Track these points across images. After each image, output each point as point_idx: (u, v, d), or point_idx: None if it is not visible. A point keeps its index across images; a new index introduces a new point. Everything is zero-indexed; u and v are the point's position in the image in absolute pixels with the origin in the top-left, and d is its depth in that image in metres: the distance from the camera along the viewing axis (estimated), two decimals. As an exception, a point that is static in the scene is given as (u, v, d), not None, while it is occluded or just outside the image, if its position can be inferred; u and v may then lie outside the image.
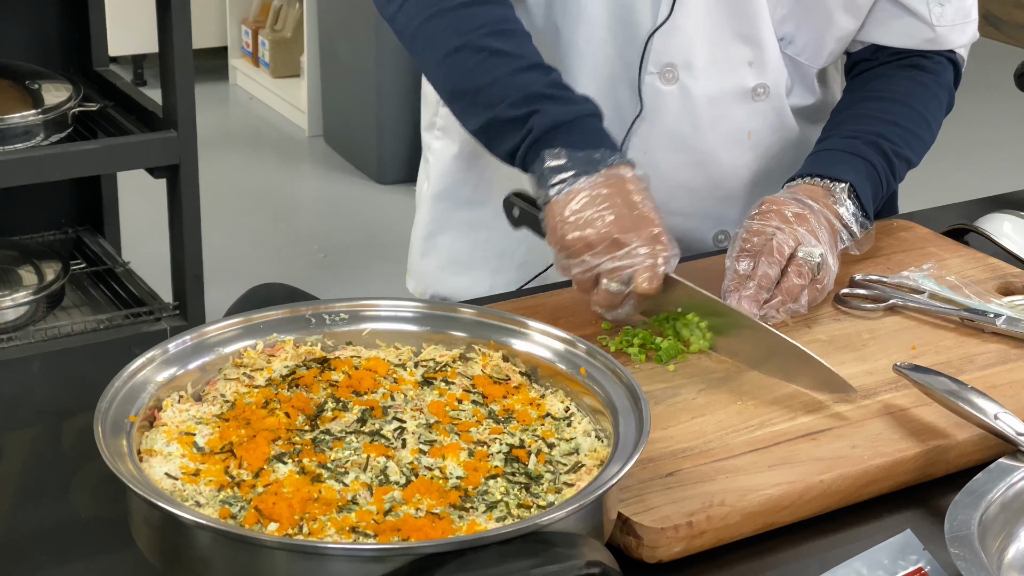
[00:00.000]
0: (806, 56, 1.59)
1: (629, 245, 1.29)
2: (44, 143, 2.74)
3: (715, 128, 1.56)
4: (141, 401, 1.06)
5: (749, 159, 1.59)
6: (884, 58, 1.61)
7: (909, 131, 1.55)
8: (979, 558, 1.00)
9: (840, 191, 1.46)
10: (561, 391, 1.14)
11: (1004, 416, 1.16)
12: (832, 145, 1.53)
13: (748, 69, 1.54)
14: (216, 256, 3.44)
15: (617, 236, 1.28)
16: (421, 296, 1.72)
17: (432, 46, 1.45)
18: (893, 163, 1.52)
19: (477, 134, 1.43)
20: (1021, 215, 1.64)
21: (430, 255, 1.71)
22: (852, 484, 1.14)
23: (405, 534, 0.94)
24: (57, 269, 2.92)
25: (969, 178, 4.59)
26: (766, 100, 1.57)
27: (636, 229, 1.29)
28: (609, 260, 1.29)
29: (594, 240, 1.29)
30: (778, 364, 1.28)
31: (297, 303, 1.18)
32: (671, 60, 1.51)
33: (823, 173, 1.48)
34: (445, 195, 1.68)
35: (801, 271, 1.37)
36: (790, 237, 1.38)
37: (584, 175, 1.31)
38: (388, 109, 4.50)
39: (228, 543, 0.92)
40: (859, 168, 1.49)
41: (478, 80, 1.40)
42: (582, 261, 1.30)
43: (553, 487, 1.02)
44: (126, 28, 4.78)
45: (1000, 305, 1.42)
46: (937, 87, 1.59)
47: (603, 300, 1.31)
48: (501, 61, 1.40)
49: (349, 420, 1.08)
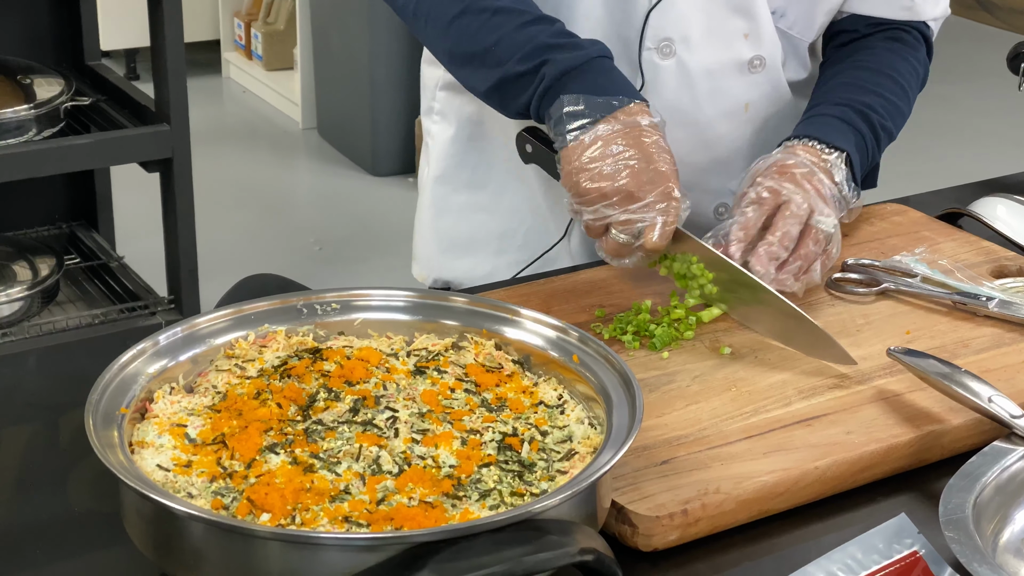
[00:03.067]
0: (798, 29, 1.59)
1: (642, 200, 1.32)
2: (37, 138, 2.73)
3: (713, 101, 1.56)
4: (132, 393, 1.05)
5: (747, 131, 1.60)
6: (863, 29, 1.62)
7: (893, 104, 1.55)
8: (974, 541, 1.00)
9: (836, 158, 1.47)
10: (554, 379, 1.13)
11: (998, 399, 1.16)
12: (826, 111, 1.53)
13: (744, 41, 1.54)
14: (211, 250, 3.44)
15: (631, 190, 1.31)
16: (424, 281, 1.72)
17: (434, 18, 1.45)
18: (879, 135, 1.53)
19: (489, 95, 1.44)
20: (1015, 199, 1.64)
21: (432, 239, 1.72)
22: (847, 470, 1.14)
23: (398, 523, 0.94)
24: (51, 264, 2.92)
25: (963, 162, 4.58)
26: (762, 72, 1.57)
27: (651, 183, 1.32)
28: (621, 212, 1.32)
29: (608, 191, 1.32)
30: (779, 324, 1.30)
31: (288, 294, 1.18)
32: (668, 35, 1.52)
33: (820, 137, 1.49)
34: (444, 179, 1.68)
35: (817, 238, 1.39)
36: (806, 202, 1.39)
37: (601, 121, 1.34)
38: (382, 101, 4.50)
39: (221, 534, 0.92)
40: (850, 137, 1.50)
41: (484, 41, 1.42)
42: (596, 210, 1.33)
43: (546, 475, 1.01)
44: (118, 22, 4.77)
45: (992, 288, 1.42)
46: (916, 62, 1.61)
47: (611, 249, 1.35)
48: (504, 19, 1.41)
49: (341, 410, 1.07)
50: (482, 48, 1.42)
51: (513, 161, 1.60)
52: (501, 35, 1.41)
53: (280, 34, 5.25)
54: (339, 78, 4.69)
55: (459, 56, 1.46)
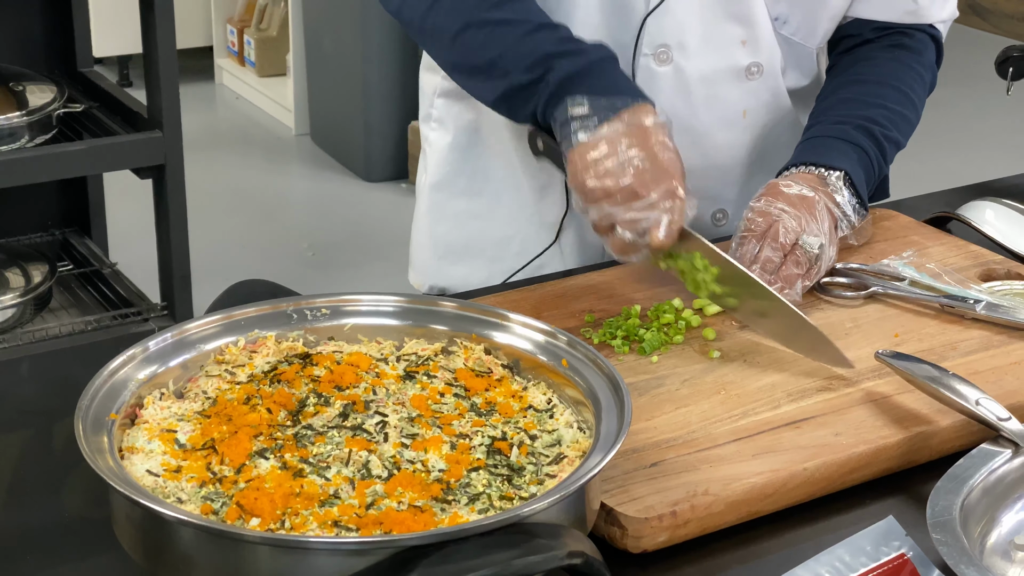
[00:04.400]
0: (801, 36, 1.59)
1: (647, 197, 1.32)
2: (29, 145, 2.73)
3: (710, 107, 1.57)
4: (122, 399, 1.06)
5: (745, 139, 1.60)
6: (868, 34, 1.62)
7: (896, 113, 1.55)
8: (961, 543, 1.01)
9: (836, 179, 1.48)
10: (543, 383, 1.14)
11: (985, 402, 1.16)
12: (822, 132, 1.54)
13: (741, 48, 1.55)
14: (204, 256, 3.44)
15: (636, 188, 1.32)
16: (420, 288, 1.73)
17: (440, 32, 1.46)
18: (883, 147, 1.53)
19: (497, 105, 1.45)
20: (1003, 203, 1.65)
21: (428, 246, 1.72)
22: (835, 471, 1.15)
23: (387, 527, 0.94)
24: (44, 271, 2.92)
25: (952, 166, 4.59)
26: (760, 79, 1.57)
27: (655, 182, 1.32)
28: (626, 210, 1.33)
29: (613, 190, 1.32)
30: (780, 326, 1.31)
31: (278, 299, 1.18)
32: (665, 41, 1.52)
33: (816, 161, 1.49)
34: (441, 185, 1.69)
35: (799, 260, 1.40)
36: (794, 221, 1.40)
37: (606, 121, 1.34)
38: (375, 107, 4.50)
39: (210, 539, 0.92)
40: (851, 155, 1.50)
41: (488, 53, 1.42)
42: (600, 208, 1.34)
43: (535, 479, 1.02)
44: (111, 29, 4.77)
45: (980, 291, 1.42)
46: (920, 66, 1.60)
47: (617, 247, 1.35)
48: (507, 30, 1.42)
49: (331, 415, 1.08)
50: (487, 60, 1.43)
51: (509, 168, 1.61)
52: (505, 47, 1.42)
53: (273, 40, 5.25)
54: (332, 84, 4.70)
55: (465, 69, 1.47)
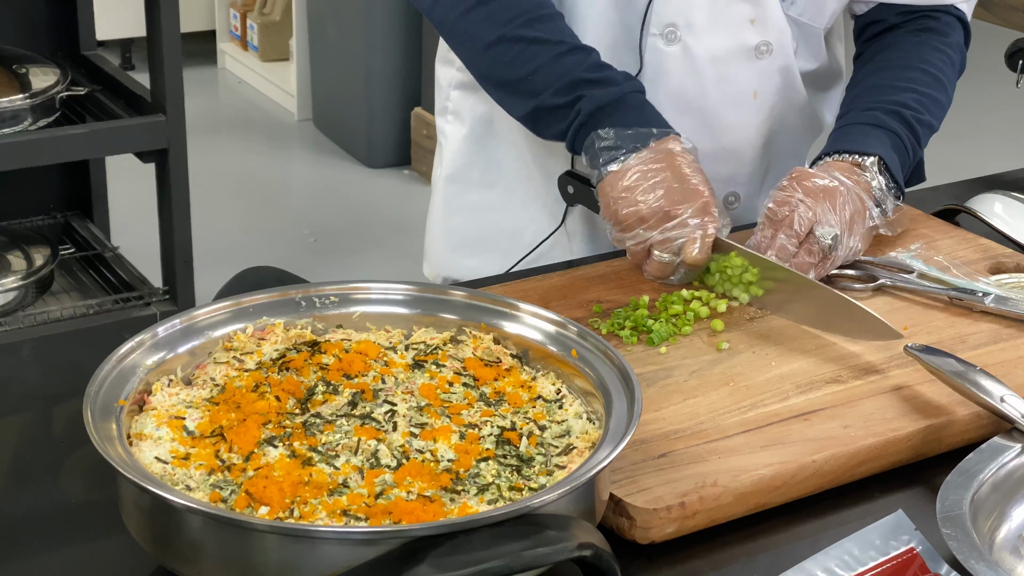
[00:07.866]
0: (808, 16, 1.58)
1: (679, 216, 1.36)
2: (32, 128, 2.73)
3: (720, 88, 1.56)
4: (131, 385, 1.05)
5: (756, 120, 1.60)
6: (893, 19, 1.61)
7: (927, 96, 1.55)
8: (971, 538, 1.00)
9: (871, 165, 1.48)
10: (552, 373, 1.13)
11: (1010, 398, 1.15)
12: (854, 119, 1.54)
13: (750, 27, 1.54)
14: (206, 241, 3.43)
15: (667, 209, 1.36)
16: (434, 279, 1.73)
17: (471, 39, 1.48)
18: (916, 130, 1.54)
19: (524, 121, 1.49)
20: (1012, 196, 1.64)
21: (443, 238, 1.72)
22: (844, 464, 1.14)
23: (396, 517, 0.94)
24: (46, 254, 2.91)
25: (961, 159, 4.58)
26: (770, 59, 1.56)
27: (686, 201, 1.36)
28: (660, 232, 1.37)
29: (646, 214, 1.37)
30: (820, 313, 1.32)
31: (287, 286, 1.18)
32: (672, 20, 1.52)
33: (850, 148, 1.50)
34: (456, 178, 1.69)
35: (812, 250, 1.41)
36: (810, 211, 1.41)
37: (634, 152, 1.39)
38: (378, 93, 4.49)
39: (219, 527, 0.92)
40: (884, 140, 1.50)
41: (520, 70, 1.45)
42: (635, 235, 1.38)
43: (544, 469, 1.01)
44: (114, 12, 4.76)
45: (988, 284, 1.42)
46: (948, 48, 1.60)
47: (655, 270, 1.39)
48: (540, 49, 1.44)
49: (340, 403, 1.07)
50: (517, 77, 1.46)
51: (520, 159, 1.61)
52: (537, 66, 1.44)
53: (276, 25, 5.24)
54: (335, 69, 4.69)
55: (494, 81, 1.50)
